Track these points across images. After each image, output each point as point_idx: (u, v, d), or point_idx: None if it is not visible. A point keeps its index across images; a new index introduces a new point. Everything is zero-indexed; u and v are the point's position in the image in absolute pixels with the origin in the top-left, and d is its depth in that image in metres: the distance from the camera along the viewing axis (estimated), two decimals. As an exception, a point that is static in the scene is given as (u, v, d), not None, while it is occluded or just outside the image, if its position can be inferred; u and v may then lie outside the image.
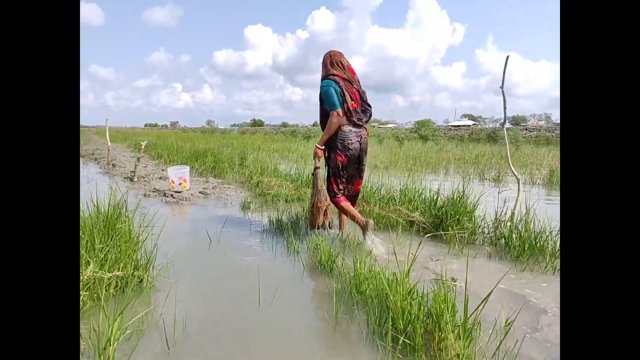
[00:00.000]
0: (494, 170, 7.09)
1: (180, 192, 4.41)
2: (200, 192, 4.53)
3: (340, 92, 2.53)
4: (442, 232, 2.73)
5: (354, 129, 2.58)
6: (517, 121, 66.93)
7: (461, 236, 2.65)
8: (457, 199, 2.89)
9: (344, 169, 2.60)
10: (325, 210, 2.61)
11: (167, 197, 4.26)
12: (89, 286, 1.63)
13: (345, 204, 2.64)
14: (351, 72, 2.66)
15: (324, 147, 2.62)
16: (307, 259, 2.34)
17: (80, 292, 1.56)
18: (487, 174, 6.78)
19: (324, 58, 2.72)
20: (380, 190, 3.68)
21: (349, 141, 2.56)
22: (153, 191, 4.54)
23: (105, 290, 1.66)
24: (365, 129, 2.66)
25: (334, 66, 2.64)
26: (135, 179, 5.37)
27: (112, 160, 7.28)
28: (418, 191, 3.39)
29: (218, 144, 10.44)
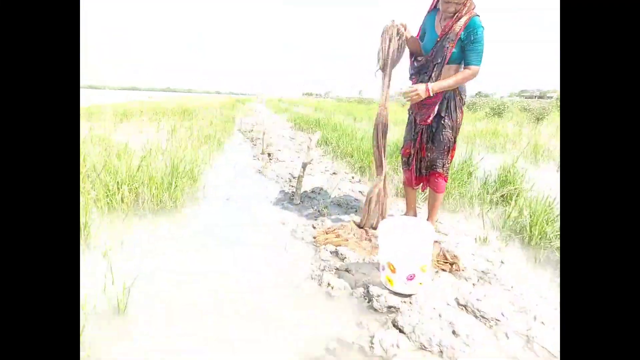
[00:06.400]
0: None
1: (409, 295, 1.61)
2: (457, 301, 1.61)
3: None
4: None
5: None
6: None
7: None
8: None
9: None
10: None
11: (375, 310, 1.52)
12: None
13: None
14: None
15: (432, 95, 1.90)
16: None
17: None
18: None
19: None
20: None
21: (464, 96, 2.05)
22: (331, 268, 1.89)
23: None
24: None
25: None
26: (298, 201, 2.92)
27: (267, 146, 5.29)
28: None
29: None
